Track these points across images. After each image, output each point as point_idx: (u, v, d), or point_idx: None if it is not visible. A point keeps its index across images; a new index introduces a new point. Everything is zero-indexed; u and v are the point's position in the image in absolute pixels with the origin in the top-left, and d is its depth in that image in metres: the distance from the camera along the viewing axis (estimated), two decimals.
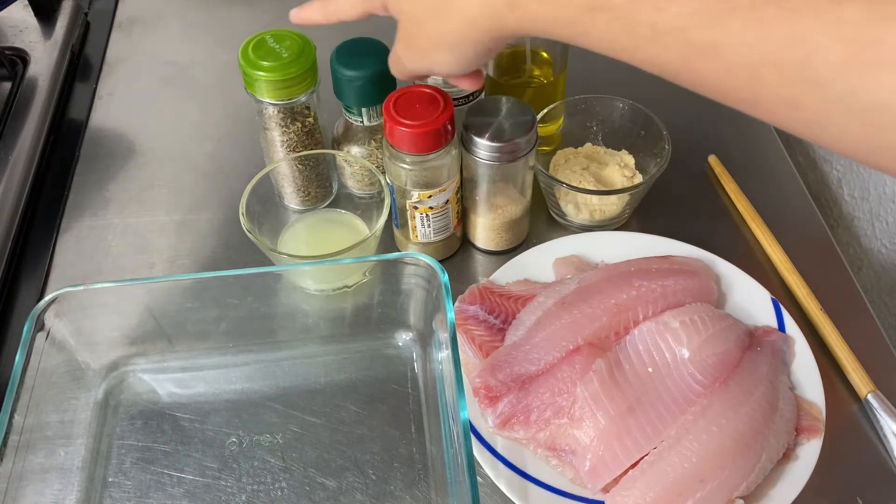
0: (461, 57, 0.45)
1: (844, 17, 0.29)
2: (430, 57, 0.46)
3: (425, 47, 0.46)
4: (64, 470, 0.53)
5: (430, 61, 0.47)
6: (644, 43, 0.36)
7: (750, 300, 0.59)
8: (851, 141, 0.32)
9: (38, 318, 0.51)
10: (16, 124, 0.73)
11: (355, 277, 0.59)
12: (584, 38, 0.38)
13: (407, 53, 0.48)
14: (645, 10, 0.35)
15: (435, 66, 0.47)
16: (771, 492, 0.49)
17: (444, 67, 0.47)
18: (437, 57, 0.46)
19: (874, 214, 0.72)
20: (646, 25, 0.35)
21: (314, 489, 0.52)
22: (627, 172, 0.66)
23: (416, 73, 0.49)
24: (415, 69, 0.48)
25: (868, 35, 0.29)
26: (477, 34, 0.43)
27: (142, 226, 0.68)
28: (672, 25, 0.34)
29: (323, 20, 0.52)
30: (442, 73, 0.48)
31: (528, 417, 0.51)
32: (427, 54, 0.46)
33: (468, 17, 0.42)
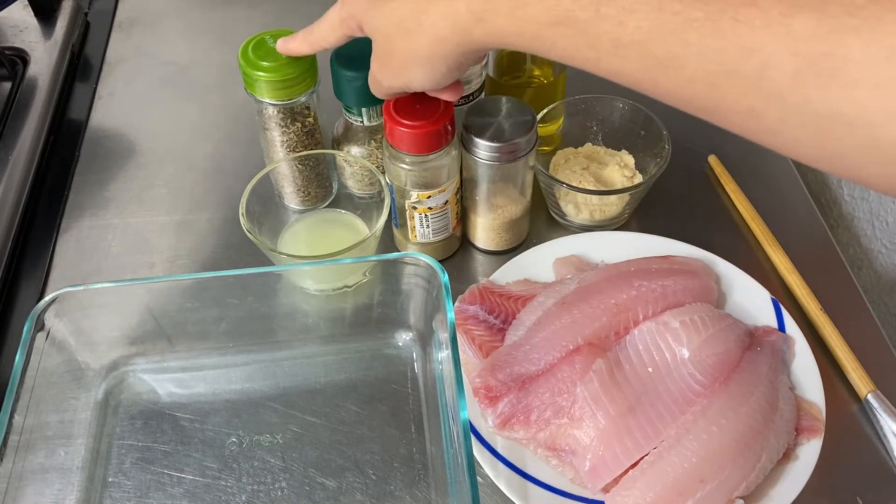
0: (433, 72, 0.46)
1: (795, 29, 0.30)
2: (404, 74, 0.47)
3: (399, 65, 0.47)
4: (64, 470, 0.53)
5: (405, 78, 0.47)
6: (606, 56, 0.36)
7: (750, 300, 0.59)
8: (807, 149, 0.33)
9: (38, 318, 0.51)
10: (16, 124, 0.73)
11: (355, 277, 0.59)
12: (550, 52, 0.39)
13: (382, 72, 0.49)
14: (606, 25, 0.35)
15: (410, 82, 0.48)
16: (771, 492, 0.49)
17: (418, 83, 0.47)
18: (411, 73, 0.47)
19: (874, 214, 0.72)
20: (607, 39, 0.36)
21: (314, 489, 0.52)
22: (627, 172, 0.66)
23: (393, 90, 0.50)
24: (391, 86, 0.49)
25: (818, 48, 0.30)
26: (446, 49, 0.44)
27: (142, 226, 0.68)
28: (632, 39, 0.35)
29: (309, 50, 0.54)
30: (417, 88, 0.48)
31: (528, 417, 0.51)
32: (401, 72, 0.47)
33: (436, 33, 0.43)
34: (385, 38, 0.46)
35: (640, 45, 0.35)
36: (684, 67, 0.34)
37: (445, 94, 0.51)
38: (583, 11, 0.36)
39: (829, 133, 0.31)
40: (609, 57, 0.36)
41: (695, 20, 0.32)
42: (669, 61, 0.34)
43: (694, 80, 0.34)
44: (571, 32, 0.37)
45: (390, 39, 0.46)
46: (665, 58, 0.34)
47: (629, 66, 0.36)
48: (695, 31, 0.33)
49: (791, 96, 0.31)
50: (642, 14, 0.34)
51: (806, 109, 0.31)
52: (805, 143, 0.32)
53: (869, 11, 0.29)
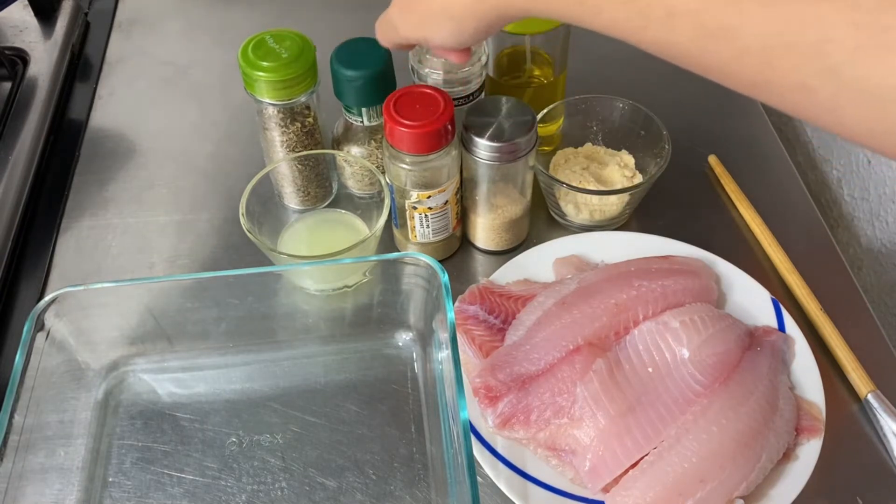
0: (461, 30, 0.44)
1: (859, 2, 0.29)
2: (429, 25, 0.45)
3: (426, 15, 0.45)
4: (64, 470, 0.53)
5: (427, 30, 0.46)
6: (656, 25, 0.35)
7: (750, 300, 0.59)
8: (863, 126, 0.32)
9: (38, 318, 0.51)
10: (16, 124, 0.73)
11: (355, 277, 0.59)
12: (593, 18, 0.38)
13: (403, 18, 0.47)
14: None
15: (432, 35, 0.46)
16: (771, 492, 0.49)
17: (440, 38, 0.46)
18: (437, 26, 0.45)
19: (874, 214, 0.72)
20: (660, 7, 0.35)
21: (314, 489, 0.52)
22: (627, 172, 0.66)
23: (409, 40, 0.48)
24: (407, 36, 0.47)
25: (882, 20, 0.29)
26: (483, 10, 0.42)
27: (142, 226, 0.68)
28: (686, 8, 0.34)
29: None
30: (435, 43, 0.47)
31: (528, 417, 0.51)
32: (426, 22, 0.45)
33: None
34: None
35: (693, 14, 0.34)
36: (738, 38, 0.33)
37: (455, 55, 0.49)
38: None
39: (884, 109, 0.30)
40: (658, 26, 0.35)
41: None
42: (722, 31, 0.33)
43: (746, 51, 0.33)
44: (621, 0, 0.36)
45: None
46: (718, 28, 0.33)
47: (678, 36, 0.35)
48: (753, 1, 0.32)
49: (849, 70, 0.30)
50: None
51: (863, 85, 0.30)
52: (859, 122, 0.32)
53: None
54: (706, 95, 0.74)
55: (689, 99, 0.48)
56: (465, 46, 0.47)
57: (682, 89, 0.38)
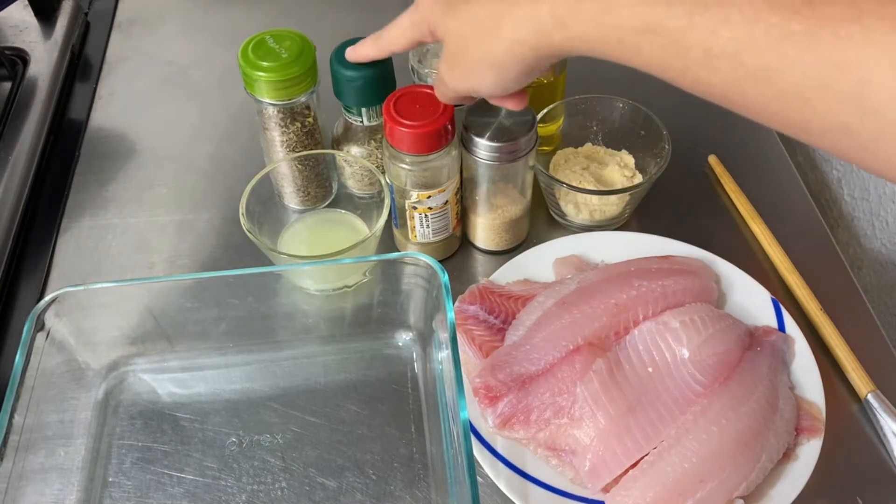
0: (504, 76, 0.45)
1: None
2: (474, 77, 0.46)
3: (470, 67, 0.46)
4: (64, 470, 0.53)
5: (474, 81, 0.47)
6: (694, 66, 0.36)
7: (750, 300, 0.59)
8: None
9: (38, 318, 0.51)
10: (16, 124, 0.73)
11: (355, 277, 0.59)
12: (632, 59, 0.39)
13: (451, 74, 0.48)
14: (699, 35, 0.35)
15: (478, 85, 0.47)
16: (771, 492, 0.49)
17: (487, 87, 0.47)
18: (481, 76, 0.46)
19: (874, 214, 0.72)
20: (698, 49, 0.35)
21: (314, 489, 0.52)
22: (627, 172, 0.66)
23: (460, 93, 0.49)
24: (458, 89, 0.49)
25: None
26: (522, 53, 0.43)
27: (142, 226, 0.68)
28: (724, 50, 0.34)
29: (377, 54, 0.54)
30: (484, 92, 0.48)
31: (528, 417, 0.51)
32: (471, 74, 0.46)
33: (515, 36, 0.42)
34: (459, 40, 0.46)
35: (732, 56, 0.34)
36: (777, 80, 0.33)
37: (510, 102, 0.51)
38: (675, 20, 0.35)
39: None
40: (697, 67, 0.36)
41: (793, 33, 0.32)
42: (761, 73, 0.33)
43: (786, 93, 0.33)
44: (660, 41, 0.36)
45: (465, 41, 0.45)
46: (757, 69, 0.34)
47: (717, 77, 0.35)
48: (792, 43, 0.32)
49: (889, 112, 0.31)
50: (737, 25, 0.33)
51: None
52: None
53: None
54: None
55: (689, 99, 0.48)
56: (511, 91, 0.48)
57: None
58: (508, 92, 0.48)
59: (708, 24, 0.34)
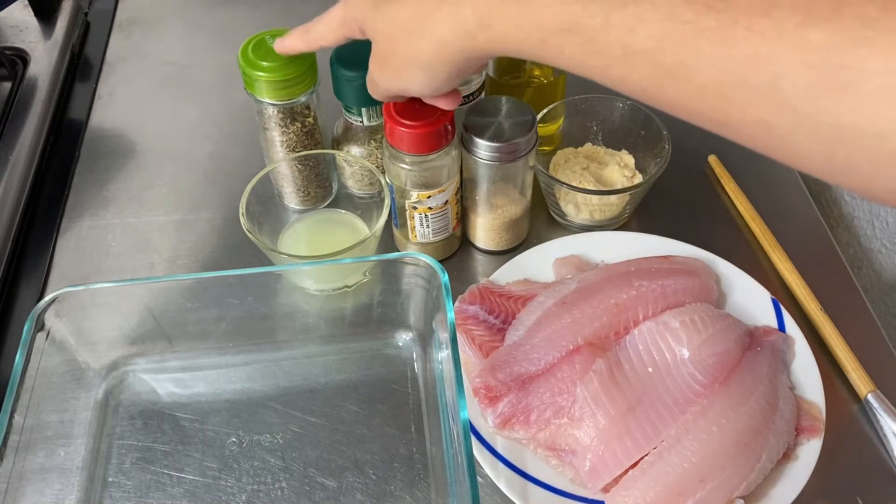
0: (433, 77, 0.45)
1: (810, 41, 0.30)
2: (403, 76, 0.47)
3: (398, 67, 0.46)
4: (64, 470, 0.53)
5: (403, 81, 0.47)
6: (615, 64, 0.36)
7: (750, 300, 0.59)
8: (818, 162, 0.32)
9: (38, 318, 0.51)
10: (16, 124, 0.73)
11: (355, 277, 0.59)
12: (556, 59, 0.39)
13: (381, 73, 0.48)
14: (616, 33, 0.35)
15: (408, 85, 0.47)
16: (771, 492, 0.49)
17: (416, 87, 0.47)
18: (410, 76, 0.46)
19: (874, 214, 0.72)
20: (617, 47, 0.35)
21: (314, 489, 0.52)
22: (627, 172, 0.66)
23: (390, 92, 0.49)
24: (388, 88, 0.49)
25: (833, 59, 0.29)
26: (449, 54, 0.43)
27: (142, 226, 0.68)
28: (642, 47, 0.34)
29: (305, 48, 0.54)
30: (415, 92, 0.48)
31: (528, 417, 0.51)
32: (400, 74, 0.47)
33: (440, 37, 0.42)
34: (386, 40, 0.46)
35: (650, 53, 0.34)
36: (694, 77, 0.33)
37: (442, 101, 0.51)
38: (592, 19, 0.35)
39: (840, 145, 0.31)
40: (617, 65, 0.36)
41: (706, 29, 0.32)
42: (679, 70, 0.34)
43: (704, 89, 0.33)
44: (579, 40, 0.36)
45: (392, 41, 0.46)
46: (675, 67, 0.34)
47: (637, 74, 0.36)
48: (706, 39, 0.32)
49: (803, 107, 0.31)
50: (653, 23, 0.34)
51: (818, 121, 0.30)
52: (816, 156, 0.32)
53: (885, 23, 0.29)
54: None
55: None
56: (443, 92, 0.48)
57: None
58: (440, 92, 0.48)
59: (625, 22, 0.35)
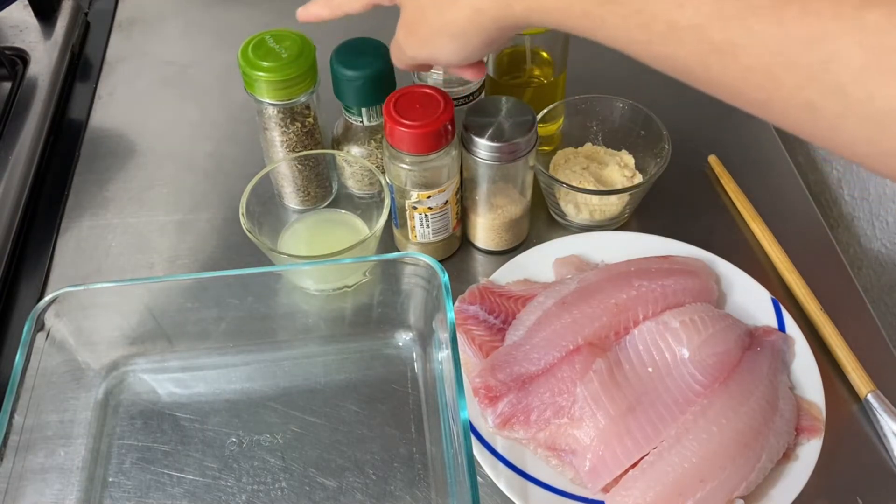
0: (465, 45, 0.44)
1: (867, 22, 0.29)
2: (433, 45, 0.45)
3: (428, 35, 0.45)
4: (64, 470, 0.53)
5: (432, 49, 0.46)
6: (659, 39, 0.35)
7: (750, 300, 0.59)
8: (860, 146, 0.32)
9: (38, 318, 0.51)
10: (16, 124, 0.73)
11: (355, 277, 0.59)
12: (596, 32, 0.38)
13: (408, 41, 0.47)
14: (663, 5, 0.34)
15: (437, 54, 0.46)
16: (771, 492, 0.49)
17: (445, 56, 0.46)
18: (440, 45, 0.45)
19: (874, 214, 0.72)
20: (662, 21, 0.34)
21: (314, 489, 0.52)
22: (627, 172, 0.66)
23: (417, 60, 0.48)
24: (415, 56, 0.48)
25: (889, 43, 0.29)
26: (483, 22, 0.42)
27: (142, 226, 0.68)
28: (690, 22, 0.33)
29: (329, 15, 0.52)
30: (443, 61, 0.47)
31: (528, 417, 0.51)
32: (429, 42, 0.45)
33: (475, 5, 0.41)
34: (417, 7, 0.45)
35: (697, 28, 0.33)
36: (742, 55, 0.32)
37: (468, 71, 0.50)
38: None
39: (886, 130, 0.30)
40: (661, 40, 0.35)
41: (759, 7, 0.31)
42: (726, 48, 0.33)
43: (750, 69, 0.32)
44: (624, 11, 0.35)
45: (423, 9, 0.44)
46: (722, 44, 0.33)
47: (682, 50, 0.34)
48: (758, 17, 0.31)
49: (854, 90, 0.30)
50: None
51: (867, 105, 0.30)
52: (859, 140, 0.31)
53: None
54: (706, 95, 0.74)
55: (689, 99, 0.48)
56: (472, 62, 0.47)
57: (682, 89, 0.39)
58: (468, 62, 0.47)
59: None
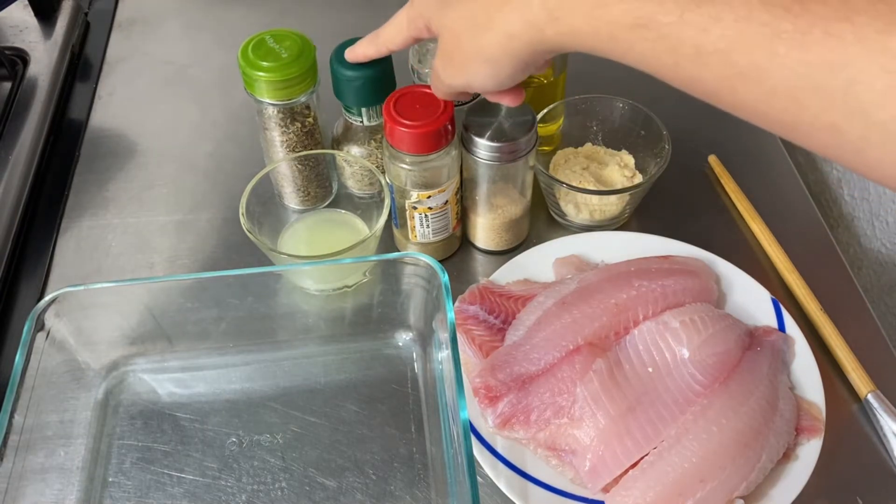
0: (498, 71, 0.45)
1: (890, 46, 0.30)
2: (467, 71, 0.46)
3: (463, 62, 0.46)
4: (64, 470, 0.53)
5: (468, 76, 0.47)
6: (686, 62, 0.36)
7: (750, 300, 0.59)
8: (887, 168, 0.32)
9: (38, 318, 0.51)
10: (16, 124, 0.73)
11: (355, 277, 0.59)
12: (624, 55, 0.38)
13: (445, 69, 0.48)
14: (690, 31, 0.35)
15: (472, 80, 0.47)
16: (771, 492, 0.49)
17: (480, 82, 0.47)
18: (474, 70, 0.46)
19: (874, 214, 0.72)
20: (690, 45, 0.35)
21: (314, 489, 0.52)
22: (627, 172, 0.66)
23: (455, 88, 0.49)
24: (453, 84, 0.48)
25: None
26: (516, 48, 0.43)
27: (142, 226, 0.68)
28: (716, 47, 0.34)
29: (375, 53, 0.54)
30: (479, 88, 0.48)
31: (528, 417, 0.51)
32: (464, 69, 0.46)
33: (507, 30, 0.42)
34: (453, 36, 0.46)
35: (723, 53, 0.34)
36: (766, 79, 0.33)
37: (507, 97, 0.50)
38: (666, 16, 0.35)
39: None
40: (688, 63, 0.36)
41: (783, 32, 0.32)
42: (752, 71, 0.33)
43: (775, 92, 0.33)
44: (651, 36, 0.36)
45: (458, 36, 0.45)
46: (748, 68, 0.34)
47: (708, 74, 0.35)
48: (783, 42, 0.32)
49: (877, 113, 0.31)
50: (728, 22, 0.33)
51: (891, 127, 0.30)
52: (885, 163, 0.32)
53: None
54: None
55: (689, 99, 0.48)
56: (507, 87, 0.47)
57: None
58: (504, 87, 0.47)
59: (699, 21, 0.34)
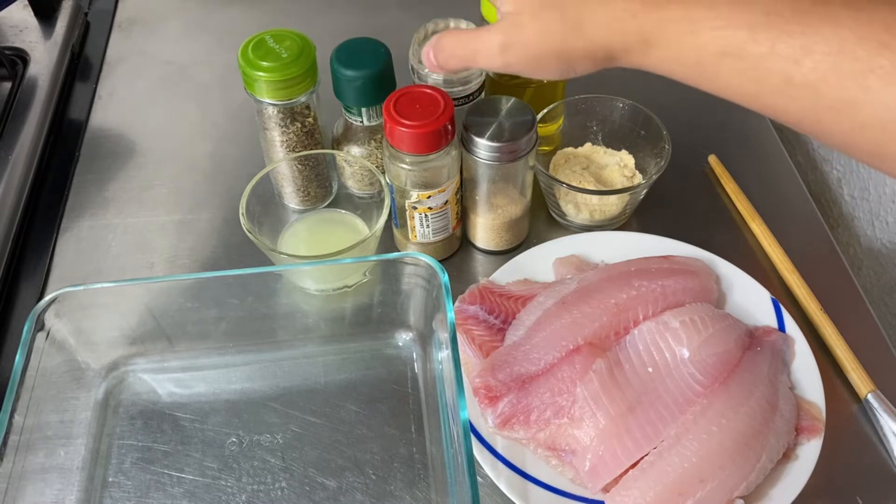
0: (569, 70, 0.44)
1: None
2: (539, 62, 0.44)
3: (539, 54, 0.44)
4: (64, 470, 0.53)
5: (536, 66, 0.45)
6: (772, 92, 0.36)
7: (750, 300, 0.59)
8: None
9: (38, 318, 0.51)
10: (16, 124, 0.73)
11: (355, 277, 0.59)
12: (709, 81, 0.38)
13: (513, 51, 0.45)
14: (779, 62, 0.35)
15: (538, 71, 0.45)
16: (771, 492, 0.49)
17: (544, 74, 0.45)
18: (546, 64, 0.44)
19: (874, 214, 0.72)
20: (778, 76, 0.35)
21: (314, 489, 0.52)
22: (627, 172, 0.66)
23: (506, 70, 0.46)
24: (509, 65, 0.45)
25: None
26: (599, 57, 0.42)
27: (142, 226, 0.68)
28: (805, 79, 0.34)
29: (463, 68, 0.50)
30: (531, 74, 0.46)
31: (528, 417, 0.51)
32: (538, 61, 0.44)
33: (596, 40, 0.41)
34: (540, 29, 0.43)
35: (812, 86, 0.34)
36: (857, 113, 0.33)
37: None
38: (757, 46, 0.35)
39: None
40: (773, 94, 0.36)
41: (878, 67, 0.32)
42: (842, 105, 0.33)
43: (866, 125, 0.33)
44: (740, 66, 0.36)
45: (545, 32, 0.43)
46: (838, 101, 0.33)
47: (794, 105, 0.35)
48: (877, 77, 0.32)
49: None
50: (820, 55, 0.33)
51: None
52: None
53: None
54: (706, 95, 0.74)
55: (689, 99, 0.49)
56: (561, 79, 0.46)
57: (682, 89, 0.39)
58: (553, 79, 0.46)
59: (791, 53, 0.34)
